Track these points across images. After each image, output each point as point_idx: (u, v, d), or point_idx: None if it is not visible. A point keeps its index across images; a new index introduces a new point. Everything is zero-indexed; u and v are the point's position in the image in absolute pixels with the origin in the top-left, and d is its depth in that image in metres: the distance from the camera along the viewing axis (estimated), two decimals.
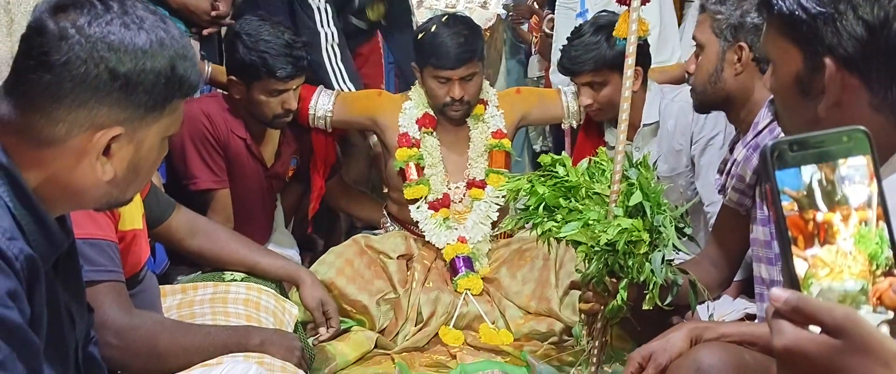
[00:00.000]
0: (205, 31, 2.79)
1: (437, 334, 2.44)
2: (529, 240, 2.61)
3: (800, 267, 0.68)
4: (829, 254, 0.68)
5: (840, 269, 0.68)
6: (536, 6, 4.38)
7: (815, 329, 0.65)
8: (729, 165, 1.92)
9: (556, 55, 2.98)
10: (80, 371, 1.24)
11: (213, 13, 2.74)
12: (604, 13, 2.69)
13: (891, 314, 0.68)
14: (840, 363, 0.64)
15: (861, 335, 0.64)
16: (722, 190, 1.97)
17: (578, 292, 1.94)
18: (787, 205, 0.68)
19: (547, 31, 3.76)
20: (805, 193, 0.68)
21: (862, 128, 0.69)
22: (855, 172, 0.69)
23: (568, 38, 2.64)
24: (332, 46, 2.93)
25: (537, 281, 2.53)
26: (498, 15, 4.74)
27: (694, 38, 1.97)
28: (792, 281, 0.68)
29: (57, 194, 1.10)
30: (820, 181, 0.68)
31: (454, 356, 2.33)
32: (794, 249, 0.68)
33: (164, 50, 1.08)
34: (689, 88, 2.07)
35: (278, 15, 2.70)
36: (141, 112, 1.08)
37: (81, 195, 1.11)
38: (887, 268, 0.69)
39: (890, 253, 0.69)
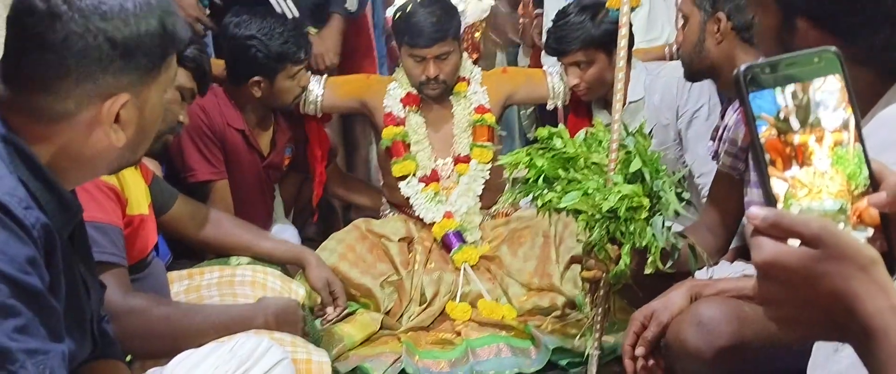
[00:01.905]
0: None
1: (441, 313, 2.47)
2: (527, 219, 2.65)
3: (779, 188, 0.69)
4: (807, 175, 0.69)
5: (818, 189, 0.69)
6: None
7: (794, 244, 0.67)
8: (721, 130, 1.97)
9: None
10: (96, 343, 1.26)
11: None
12: None
13: (870, 232, 0.70)
14: (818, 270, 0.65)
15: (838, 242, 0.65)
16: (715, 156, 2.00)
17: (579, 267, 1.97)
18: (764, 128, 0.69)
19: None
20: (780, 115, 0.69)
21: (832, 48, 0.70)
22: (829, 94, 0.70)
23: (553, 20, 2.69)
24: None
25: (538, 258, 2.57)
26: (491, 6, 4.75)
27: (679, 9, 2.02)
28: (770, 202, 0.69)
29: (70, 166, 1.12)
30: (795, 103, 0.69)
31: (459, 334, 2.36)
32: (772, 170, 0.69)
33: (152, 10, 1.10)
34: (672, 64, 2.13)
35: None
36: (142, 74, 1.10)
37: (95, 162, 1.14)
38: (866, 188, 0.70)
39: (867, 173, 0.71)
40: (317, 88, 2.75)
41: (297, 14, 2.84)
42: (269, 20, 2.55)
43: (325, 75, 2.84)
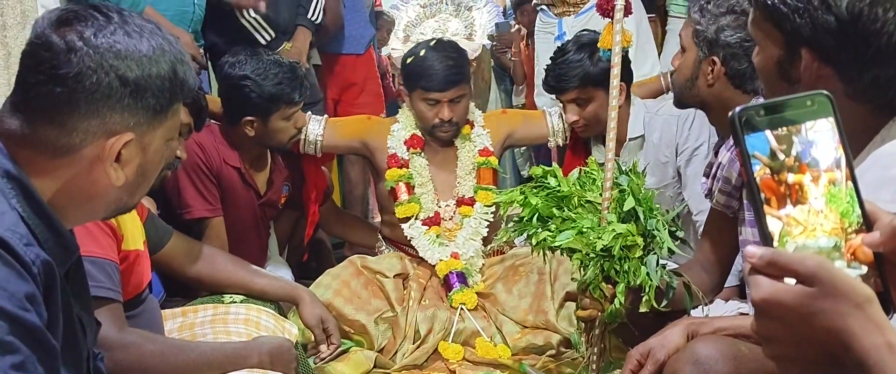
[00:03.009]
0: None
1: (435, 350, 2.46)
2: (522, 256, 2.66)
3: (774, 226, 0.70)
4: (801, 213, 0.71)
5: (813, 227, 0.71)
6: (518, 35, 4.47)
7: (791, 282, 0.68)
8: (714, 168, 1.97)
9: (539, 78, 3.05)
10: None
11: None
12: (585, 32, 2.77)
13: (864, 269, 0.71)
14: (814, 307, 0.66)
15: (833, 280, 0.67)
16: (709, 194, 2.01)
17: (574, 304, 1.97)
18: (759, 169, 0.71)
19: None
20: (775, 155, 0.71)
21: (824, 92, 0.72)
22: (821, 135, 0.72)
23: (552, 57, 2.72)
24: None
25: (533, 295, 2.57)
26: (483, 45, 4.82)
27: (680, 35, 2.03)
28: (766, 240, 0.70)
29: (70, 204, 1.13)
30: (789, 144, 0.71)
31: (453, 372, 2.35)
32: (767, 209, 0.70)
33: (165, 55, 1.12)
34: (671, 101, 2.14)
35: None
36: (149, 116, 1.12)
37: (94, 202, 1.14)
38: (859, 226, 0.72)
39: (860, 211, 0.72)
40: (317, 129, 2.77)
41: (273, 35, 2.91)
42: (265, 61, 2.56)
43: (325, 116, 2.87)
